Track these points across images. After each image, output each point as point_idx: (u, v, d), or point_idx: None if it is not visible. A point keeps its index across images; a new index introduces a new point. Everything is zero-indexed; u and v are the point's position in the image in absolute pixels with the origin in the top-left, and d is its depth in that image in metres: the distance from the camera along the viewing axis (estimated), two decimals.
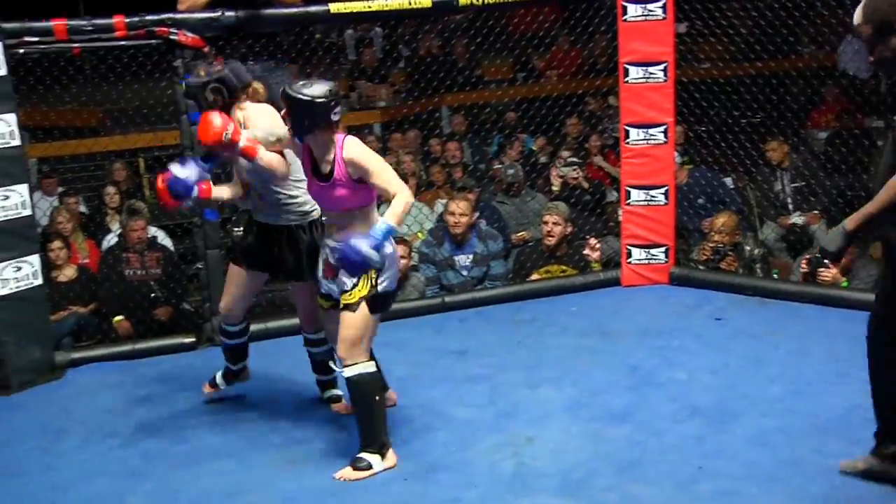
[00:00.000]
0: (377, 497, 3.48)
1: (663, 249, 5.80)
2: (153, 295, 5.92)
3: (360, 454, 3.65)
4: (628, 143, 5.73)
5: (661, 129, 5.65)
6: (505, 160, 7.36)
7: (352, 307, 3.59)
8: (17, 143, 4.75)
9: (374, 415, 3.66)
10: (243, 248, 4.19)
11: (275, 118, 3.88)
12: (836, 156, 6.59)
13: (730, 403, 4.10)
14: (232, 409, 4.37)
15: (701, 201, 6.42)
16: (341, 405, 4.25)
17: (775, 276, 5.83)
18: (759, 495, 3.32)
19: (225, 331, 4.30)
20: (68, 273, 5.96)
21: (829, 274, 5.28)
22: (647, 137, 5.68)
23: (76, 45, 4.99)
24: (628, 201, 5.80)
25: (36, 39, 4.81)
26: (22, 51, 4.80)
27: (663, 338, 4.95)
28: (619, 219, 5.97)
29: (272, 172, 3.85)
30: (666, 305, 5.51)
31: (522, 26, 7.90)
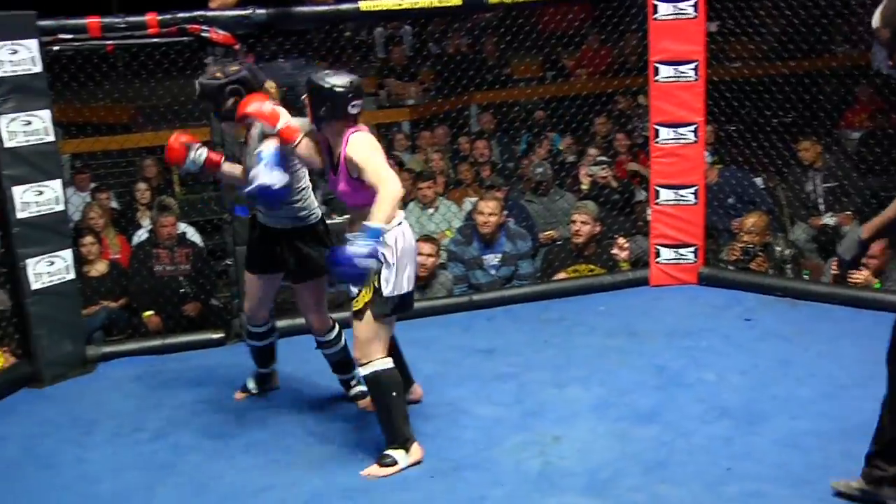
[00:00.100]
0: (404, 494, 3.49)
1: (692, 249, 5.76)
2: (182, 290, 5.97)
3: (386, 451, 3.67)
4: (658, 142, 5.70)
5: (692, 128, 5.61)
6: (534, 159, 7.34)
7: (358, 315, 3.59)
8: (52, 139, 4.79)
9: (394, 411, 3.65)
10: (251, 254, 4.23)
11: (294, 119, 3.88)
12: (869, 156, 6.52)
13: (759, 405, 4.07)
14: (259, 406, 4.39)
15: (731, 201, 6.36)
16: (367, 401, 4.25)
17: (806, 277, 5.76)
18: (788, 497, 3.30)
19: (251, 332, 4.35)
20: (100, 268, 6.00)
21: (860, 275, 5.22)
22: (677, 137, 5.64)
23: (110, 42, 5.04)
24: (657, 201, 5.77)
25: (70, 37, 4.86)
26: (57, 48, 4.85)
27: (692, 338, 4.92)
28: (648, 218, 5.95)
29: (309, 159, 3.81)
30: (695, 306, 5.48)
31: (552, 25, 7.86)
